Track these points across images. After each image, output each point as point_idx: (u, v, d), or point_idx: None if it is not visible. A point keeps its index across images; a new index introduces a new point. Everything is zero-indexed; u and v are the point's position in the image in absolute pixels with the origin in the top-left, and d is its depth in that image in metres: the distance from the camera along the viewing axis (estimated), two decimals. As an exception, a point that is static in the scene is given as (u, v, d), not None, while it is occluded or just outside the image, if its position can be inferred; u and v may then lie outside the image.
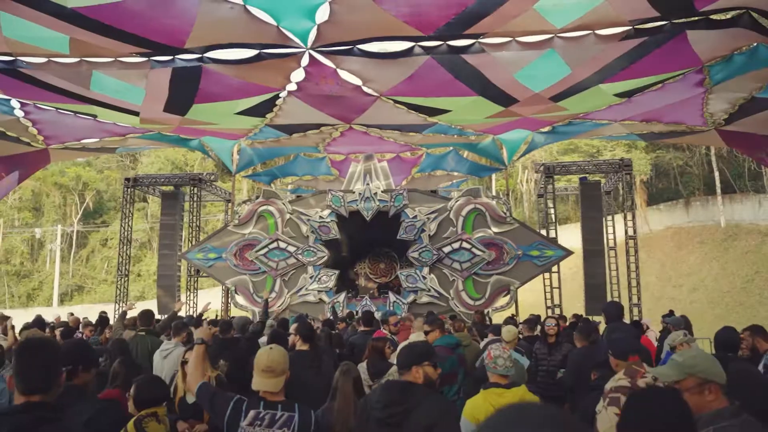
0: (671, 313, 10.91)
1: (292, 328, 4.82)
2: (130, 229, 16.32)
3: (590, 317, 11.83)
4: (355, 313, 11.67)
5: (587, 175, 15.77)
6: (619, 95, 9.63)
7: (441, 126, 11.77)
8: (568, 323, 9.72)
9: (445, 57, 7.87)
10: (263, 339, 5.35)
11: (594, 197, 15.19)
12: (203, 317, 8.96)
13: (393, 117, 10.93)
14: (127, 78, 8.55)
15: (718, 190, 28.68)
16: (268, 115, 10.93)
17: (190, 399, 3.42)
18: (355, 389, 3.16)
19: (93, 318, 10.18)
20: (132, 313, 6.50)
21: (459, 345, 4.16)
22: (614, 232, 15.54)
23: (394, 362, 4.26)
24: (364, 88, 9.23)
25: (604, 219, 15.20)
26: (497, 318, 10.81)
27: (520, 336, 6.17)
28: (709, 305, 24.09)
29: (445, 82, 8.77)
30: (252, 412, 2.41)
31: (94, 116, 10.72)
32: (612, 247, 15.40)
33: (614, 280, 15.22)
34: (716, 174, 28.86)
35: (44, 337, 2.18)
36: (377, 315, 12.10)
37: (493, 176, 32.51)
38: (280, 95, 9.71)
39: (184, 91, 9.11)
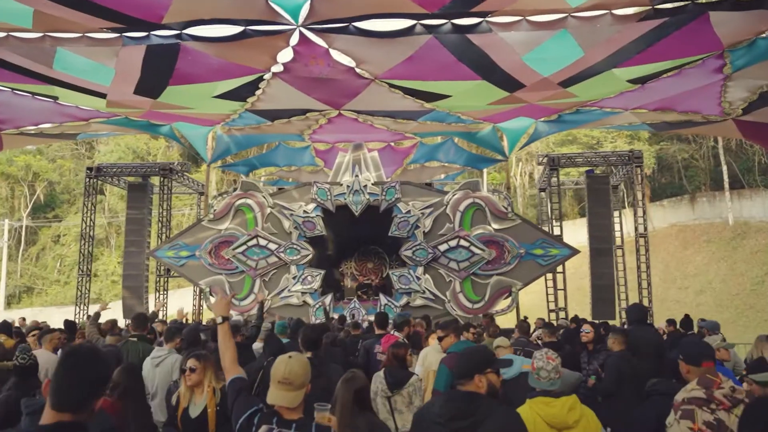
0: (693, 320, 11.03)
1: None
2: (92, 223, 16.05)
3: (594, 321, 11.96)
4: (349, 317, 11.65)
5: (594, 167, 15.90)
6: (633, 81, 9.72)
7: (438, 113, 11.77)
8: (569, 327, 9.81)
9: (448, 37, 7.86)
10: (258, 345, 5.29)
11: (601, 191, 15.34)
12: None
13: (387, 102, 10.89)
14: (96, 56, 8.40)
15: (726, 185, 29.14)
16: (250, 99, 10.85)
17: (195, 411, 3.36)
18: (357, 400, 3.11)
19: (49, 323, 9.97)
20: (104, 314, 6.37)
21: None
22: (621, 229, 15.72)
23: (415, 371, 4.25)
24: (358, 70, 9.20)
25: (612, 215, 15.35)
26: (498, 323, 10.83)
27: (539, 341, 6.19)
28: (717, 309, 24.48)
29: (446, 64, 8.77)
30: (264, 428, 2.35)
31: (55, 98, 10.54)
32: (619, 246, 15.58)
33: (620, 281, 15.39)
34: (724, 168, 29.32)
35: (92, 347, 2.04)
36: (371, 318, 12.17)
37: (485, 169, 32.74)
38: (264, 77, 9.63)
39: (159, 71, 8.98)
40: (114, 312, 17.61)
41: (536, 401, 2.87)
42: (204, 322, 11.04)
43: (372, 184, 13.56)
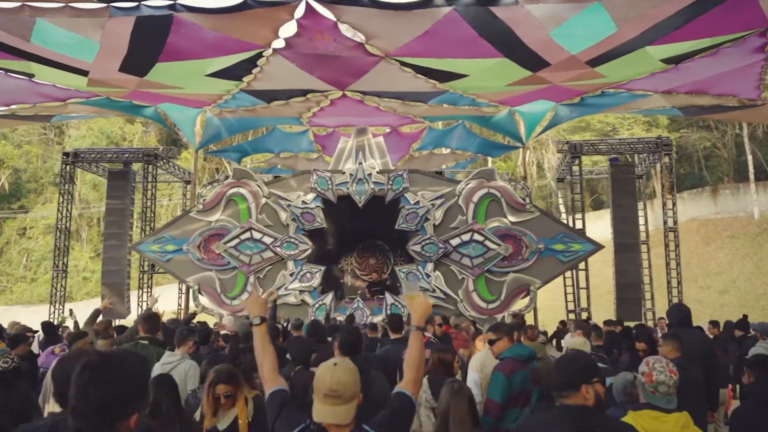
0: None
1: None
2: (68, 214, 15.89)
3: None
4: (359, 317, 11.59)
5: (618, 155, 15.86)
6: (666, 61, 9.68)
7: (451, 95, 11.70)
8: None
9: (470, 9, 7.76)
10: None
11: (626, 181, 15.30)
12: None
13: (396, 83, 10.82)
14: (79, 28, 8.26)
15: (751, 177, 29.16)
16: (246, 78, 10.76)
17: (223, 423, 3.25)
18: (472, 413, 2.99)
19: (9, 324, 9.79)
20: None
21: (533, 357, 4.03)
22: (646, 223, 15.70)
23: (471, 379, 4.15)
24: (367, 47, 9.10)
25: (637, 207, 15.31)
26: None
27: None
28: (742, 309, 24.47)
29: (466, 40, 8.69)
30: None
31: (31, 76, 10.43)
32: (644, 241, 15.57)
33: (646, 279, 15.34)
34: (749, 158, 29.32)
35: (119, 354, 1.89)
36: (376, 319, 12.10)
37: (489, 158, 32.79)
38: (263, 54, 9.53)
39: (148, 46, 8.87)
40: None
41: (643, 415, 2.77)
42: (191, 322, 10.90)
43: (377, 173, 13.49)
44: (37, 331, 9.35)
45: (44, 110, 13.01)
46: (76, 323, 8.71)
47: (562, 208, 29.61)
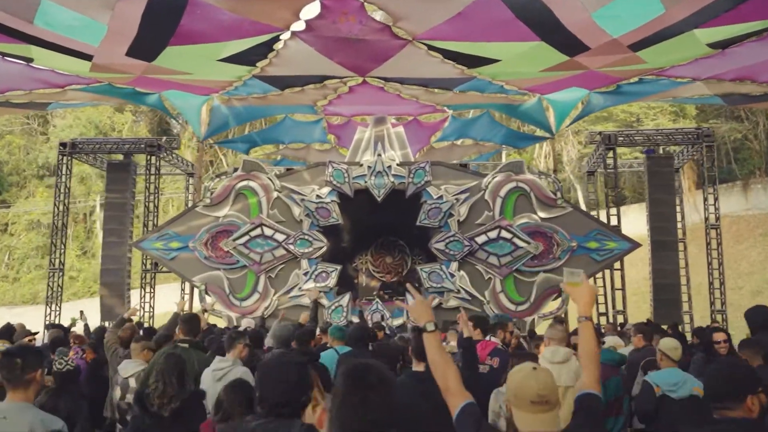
0: None
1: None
2: (66, 209, 15.96)
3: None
4: (370, 321, 11.60)
5: (655, 146, 15.82)
6: (713, 45, 9.66)
7: (479, 81, 11.70)
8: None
9: (509, -11, 7.77)
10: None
11: (663, 174, 15.23)
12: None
13: (421, 68, 10.83)
14: (87, 9, 8.28)
15: (786, 170, 29.07)
16: (260, 64, 10.78)
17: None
18: None
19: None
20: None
21: (623, 362, 4.01)
22: (683, 219, 15.69)
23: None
24: (394, 29, 9.10)
25: (675, 203, 15.29)
26: (542, 328, 10.77)
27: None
28: (778, 312, 24.46)
29: (501, 22, 8.68)
30: None
31: (29, 60, 10.46)
32: (681, 239, 15.56)
33: (683, 279, 15.32)
34: (783, 150, 29.20)
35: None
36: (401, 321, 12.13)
37: (503, 151, 32.81)
38: (281, 37, 9.54)
39: (159, 29, 8.88)
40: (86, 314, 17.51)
41: None
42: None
43: (397, 165, 13.47)
44: (37, 333, 9.40)
45: (40, 97, 13.04)
46: (86, 326, 8.77)
47: (582, 204, 29.56)
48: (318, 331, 7.58)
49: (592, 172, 17.67)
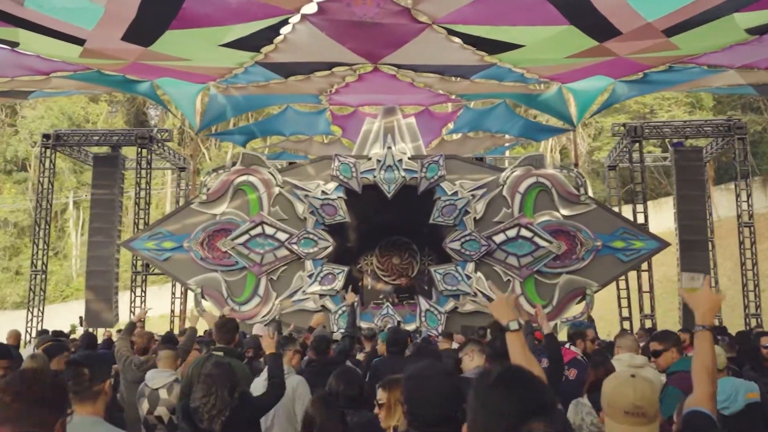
0: None
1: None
2: (49, 206, 15.85)
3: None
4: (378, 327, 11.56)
5: (683, 139, 15.84)
6: (751, 31, 9.70)
7: (498, 69, 11.72)
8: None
9: (541, -30, 7.77)
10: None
11: (693, 169, 15.26)
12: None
13: (439, 55, 10.87)
14: (84, -9, 8.25)
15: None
16: (264, 49, 10.80)
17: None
18: None
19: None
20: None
21: None
22: (711, 217, 15.70)
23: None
24: (414, 12, 9.11)
25: (706, 199, 15.31)
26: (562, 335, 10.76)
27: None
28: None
29: (528, 5, 8.73)
30: None
31: (15, 45, 10.43)
32: (710, 238, 15.59)
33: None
34: (806, 143, 29.28)
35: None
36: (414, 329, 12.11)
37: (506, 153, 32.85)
38: (290, 21, 9.53)
39: (160, 11, 8.91)
40: (71, 318, 17.39)
41: None
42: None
43: (408, 158, 13.43)
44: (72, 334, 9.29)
45: (22, 85, 13.01)
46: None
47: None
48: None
49: (614, 166, 17.67)
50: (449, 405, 2.27)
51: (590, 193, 14.85)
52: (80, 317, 11.04)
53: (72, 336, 10.33)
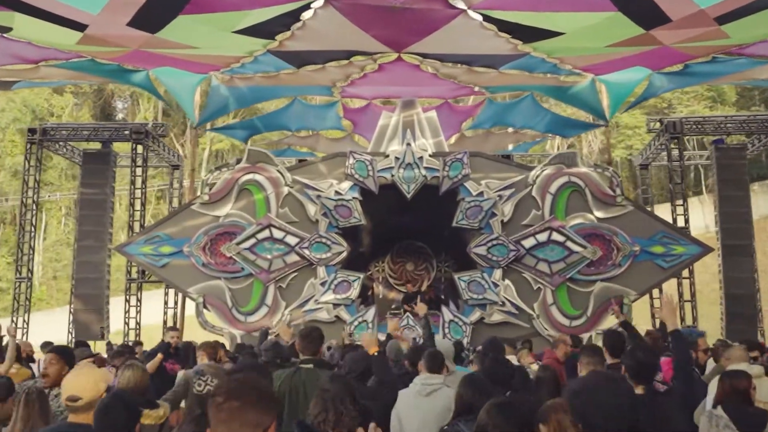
0: None
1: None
2: (35, 206, 15.78)
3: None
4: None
5: (724, 135, 15.95)
6: (809, 19, 9.77)
7: (531, 59, 11.79)
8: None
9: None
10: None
11: (735, 168, 15.37)
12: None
13: (469, 43, 10.93)
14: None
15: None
16: (279, 37, 10.82)
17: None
18: None
19: None
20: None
21: None
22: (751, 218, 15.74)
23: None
24: (450, -3, 9.16)
25: (750, 201, 15.35)
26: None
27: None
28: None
29: (576, -11, 8.76)
30: None
31: (6, 30, 10.43)
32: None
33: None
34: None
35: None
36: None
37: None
38: (312, 5, 9.57)
39: (173, -5, 8.89)
40: (57, 329, 17.30)
41: None
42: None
43: (430, 156, 13.46)
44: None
45: (8, 74, 13.03)
46: (109, 344, 8.63)
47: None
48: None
49: (646, 165, 17.77)
50: (626, 416, 2.30)
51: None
52: (101, 327, 10.93)
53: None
